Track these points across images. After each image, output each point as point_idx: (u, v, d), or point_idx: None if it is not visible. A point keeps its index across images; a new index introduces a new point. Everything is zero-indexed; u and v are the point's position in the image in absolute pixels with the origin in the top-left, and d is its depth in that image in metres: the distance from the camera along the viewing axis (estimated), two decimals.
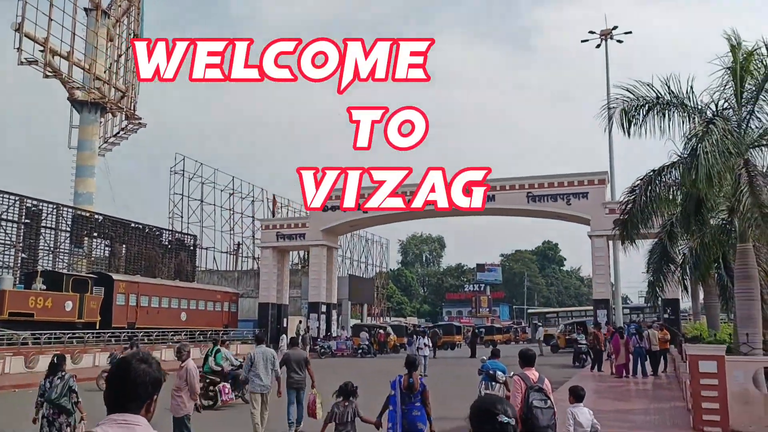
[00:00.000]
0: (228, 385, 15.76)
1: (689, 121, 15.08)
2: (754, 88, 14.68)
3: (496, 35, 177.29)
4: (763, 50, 14.47)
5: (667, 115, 15.19)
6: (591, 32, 49.25)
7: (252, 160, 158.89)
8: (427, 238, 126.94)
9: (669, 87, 15.19)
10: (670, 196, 15.99)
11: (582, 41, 49.71)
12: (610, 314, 35.93)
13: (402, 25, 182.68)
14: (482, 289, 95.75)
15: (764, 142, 14.68)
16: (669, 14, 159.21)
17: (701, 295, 29.85)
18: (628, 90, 15.41)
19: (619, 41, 48.65)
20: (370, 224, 48.90)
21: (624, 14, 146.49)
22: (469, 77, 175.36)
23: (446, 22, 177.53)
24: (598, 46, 48.89)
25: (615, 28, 48.69)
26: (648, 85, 15.28)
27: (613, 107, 15.55)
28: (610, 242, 36.75)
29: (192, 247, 49.62)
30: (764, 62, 14.53)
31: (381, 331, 43.88)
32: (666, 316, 32.74)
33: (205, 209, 54.66)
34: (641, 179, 15.67)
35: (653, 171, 15.55)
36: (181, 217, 52.30)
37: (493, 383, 11.76)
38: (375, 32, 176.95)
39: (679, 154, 15.45)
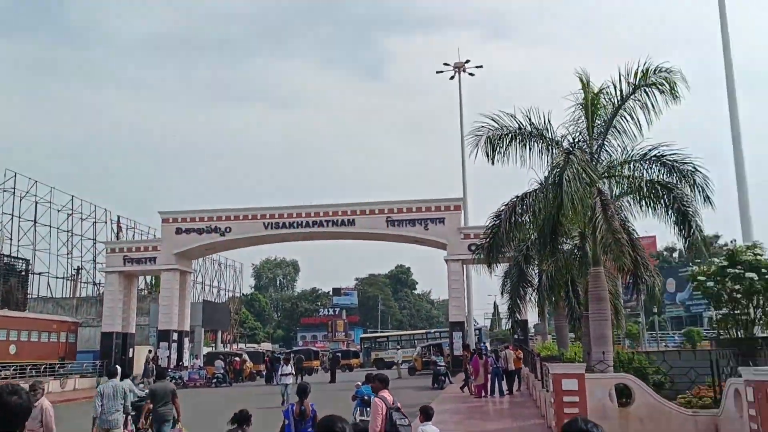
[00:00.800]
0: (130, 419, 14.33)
1: (548, 151, 16.04)
2: (603, 124, 15.92)
3: (350, 61, 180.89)
4: (611, 89, 15.77)
5: (528, 145, 16.06)
6: (446, 64, 51.69)
7: (95, 179, 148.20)
8: (281, 262, 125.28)
9: (530, 119, 16.09)
10: (531, 221, 16.82)
11: (437, 72, 52.04)
12: (465, 336, 37.23)
13: (254, 47, 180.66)
14: (337, 313, 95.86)
15: (613, 173, 15.95)
16: (516, 52, 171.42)
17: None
18: (493, 119, 16.13)
19: (471, 74, 51.51)
20: (227, 247, 47.13)
21: (474, 49, 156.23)
22: (326, 102, 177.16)
23: (300, 47, 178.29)
24: (452, 77, 51.41)
25: (468, 61, 51.46)
26: (511, 115, 16.07)
27: (479, 135, 16.16)
28: (465, 266, 38.24)
29: (23, 273, 44.97)
30: (612, 100, 15.81)
31: (237, 358, 42.23)
32: (516, 336, 34.50)
33: (40, 231, 49.87)
34: (506, 205, 16.35)
35: (516, 197, 16.30)
36: (11, 239, 47.24)
37: (368, 408, 11.51)
38: (221, 53, 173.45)
39: (540, 181, 16.38)
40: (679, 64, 15.21)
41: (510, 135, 15.99)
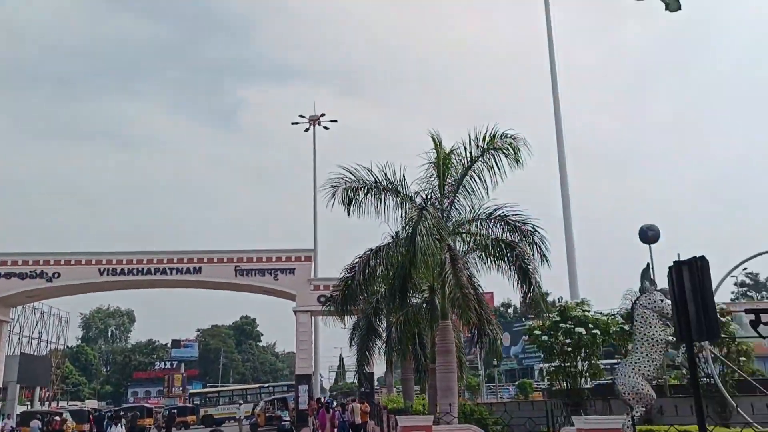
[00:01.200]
0: None
1: (401, 206, 16.51)
2: (454, 183, 16.72)
3: (201, 107, 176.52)
4: (462, 150, 16.67)
5: (383, 199, 16.44)
6: (301, 116, 52.32)
7: None
8: (114, 311, 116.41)
9: (386, 174, 16.56)
10: (383, 274, 17.10)
11: (292, 123, 52.50)
12: (311, 389, 36.55)
13: (99, 84, 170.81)
14: (175, 366, 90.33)
15: (462, 231, 16.71)
16: (368, 110, 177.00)
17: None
18: (350, 171, 16.40)
19: (326, 128, 52.45)
20: (54, 295, 42.92)
21: (329, 104, 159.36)
22: (173, 146, 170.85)
23: (150, 88, 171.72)
24: (307, 129, 52.09)
25: (323, 115, 52.50)
26: (368, 169, 16.45)
27: (336, 186, 16.33)
28: (314, 318, 37.85)
29: None
30: (462, 161, 16.69)
31: (57, 417, 38.05)
32: (362, 389, 34.45)
33: None
34: (360, 257, 16.51)
35: (370, 250, 16.52)
36: None
37: None
38: (61, 85, 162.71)
39: (392, 235, 16.76)
40: (525, 133, 16.49)
41: (366, 188, 16.32)
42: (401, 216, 16.22)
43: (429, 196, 16.50)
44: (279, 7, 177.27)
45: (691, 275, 6.08)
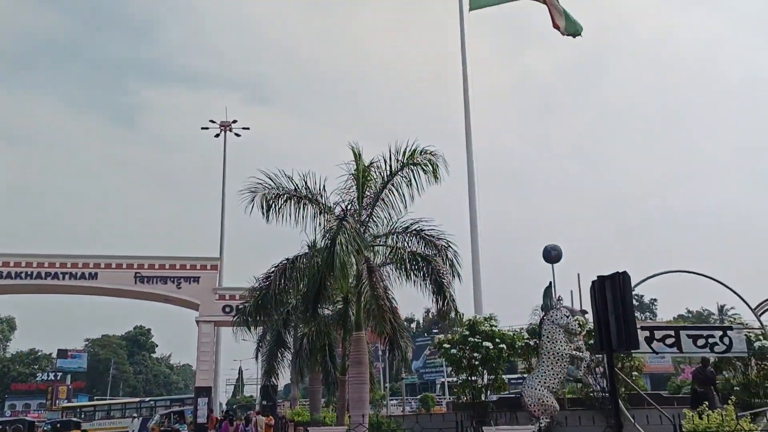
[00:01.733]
0: None
1: (321, 215, 16.45)
2: (373, 195, 16.85)
3: (102, 106, 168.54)
4: (382, 163, 16.85)
5: (302, 207, 16.33)
6: (211, 121, 50.95)
7: None
8: None
9: (306, 183, 16.47)
10: (298, 284, 16.92)
11: (202, 128, 51.03)
12: (212, 401, 35.42)
13: None
14: (59, 377, 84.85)
15: (379, 243, 16.84)
16: (282, 119, 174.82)
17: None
18: (270, 178, 16.20)
19: (238, 135, 51.39)
20: None
21: (240, 111, 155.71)
22: (68, 144, 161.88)
23: (45, 83, 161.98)
24: (218, 135, 50.77)
25: (235, 121, 51.34)
26: (289, 177, 16.31)
27: (255, 191, 16.07)
28: (217, 328, 36.81)
29: None
30: (382, 174, 16.86)
31: None
32: (264, 402, 33.75)
33: None
34: (276, 266, 16.28)
35: (287, 260, 16.34)
36: None
37: None
38: None
39: (309, 244, 16.66)
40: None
41: (286, 195, 16.16)
42: (320, 226, 16.16)
43: (348, 208, 16.54)
44: (187, 9, 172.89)
45: (613, 289, 6.46)
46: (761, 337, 17.09)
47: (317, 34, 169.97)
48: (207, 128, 50.85)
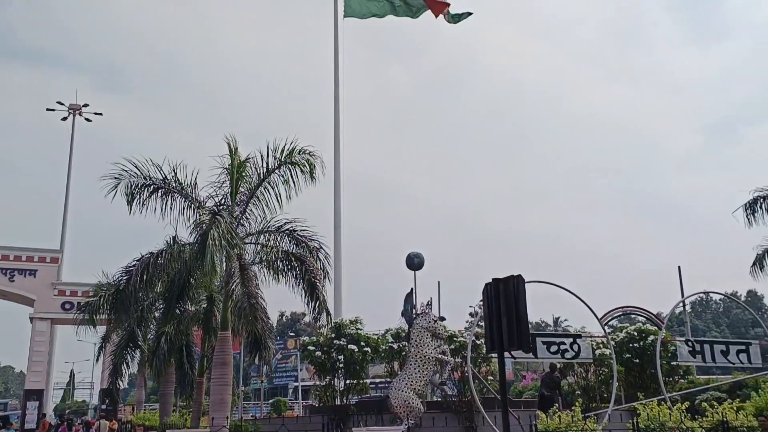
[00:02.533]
0: None
1: (190, 209, 15.68)
2: (248, 192, 16.34)
3: None
4: (258, 159, 16.40)
5: (171, 200, 15.48)
6: (59, 103, 47.16)
7: None
8: None
9: (176, 174, 15.64)
10: (161, 280, 16.01)
11: (48, 110, 47.11)
12: (43, 406, 32.42)
13: None
14: None
15: (251, 241, 16.33)
16: (138, 110, 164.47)
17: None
18: (136, 166, 15.23)
19: (88, 120, 47.89)
20: None
21: (87, 96, 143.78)
22: None
23: None
24: (65, 119, 47.10)
25: (86, 105, 47.89)
26: (158, 166, 15.40)
27: (119, 178, 15.04)
28: (53, 326, 33.85)
29: None
30: (258, 171, 16.41)
31: None
32: (104, 406, 31.47)
33: None
34: (138, 260, 15.27)
35: (151, 253, 15.39)
36: None
37: None
38: None
39: (171, 239, 15.84)
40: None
41: (153, 186, 15.24)
42: (190, 220, 15.39)
43: (221, 203, 15.91)
44: None
45: (506, 291, 6.74)
46: (601, 345, 18.67)
47: (177, 24, 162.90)
48: (53, 110, 47.01)
